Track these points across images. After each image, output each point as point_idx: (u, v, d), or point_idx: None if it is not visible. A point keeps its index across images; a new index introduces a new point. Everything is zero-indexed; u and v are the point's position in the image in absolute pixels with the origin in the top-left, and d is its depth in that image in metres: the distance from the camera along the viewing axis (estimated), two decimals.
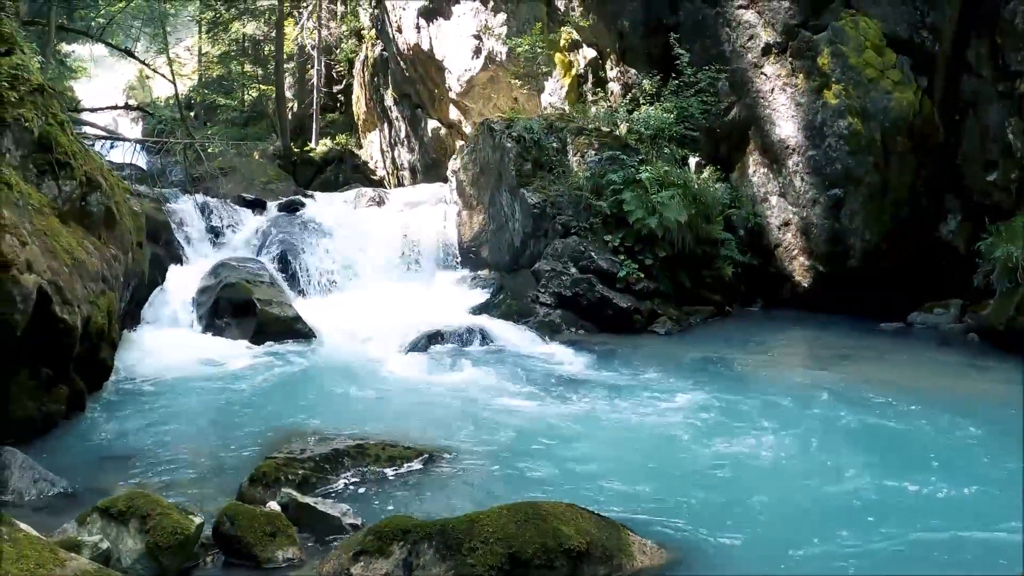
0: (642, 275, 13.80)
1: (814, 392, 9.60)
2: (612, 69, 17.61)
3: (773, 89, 14.79)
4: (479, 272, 15.81)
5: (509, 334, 12.60)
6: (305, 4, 32.80)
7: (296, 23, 32.78)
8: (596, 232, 14.30)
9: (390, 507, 6.18)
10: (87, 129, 19.91)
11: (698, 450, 7.66)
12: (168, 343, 11.84)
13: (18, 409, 7.50)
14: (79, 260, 8.50)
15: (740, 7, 15.17)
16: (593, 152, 15.44)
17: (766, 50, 14.89)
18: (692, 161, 15.23)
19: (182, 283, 13.64)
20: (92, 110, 23.17)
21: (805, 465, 7.28)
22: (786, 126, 14.59)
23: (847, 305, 14.07)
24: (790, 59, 14.61)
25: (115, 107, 26.07)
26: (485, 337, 12.31)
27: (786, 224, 14.76)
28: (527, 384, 10.05)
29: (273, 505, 5.71)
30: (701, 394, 9.48)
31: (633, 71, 16.98)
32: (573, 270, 13.76)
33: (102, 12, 32.35)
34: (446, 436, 7.89)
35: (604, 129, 15.90)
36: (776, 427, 8.28)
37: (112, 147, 21.98)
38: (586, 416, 8.71)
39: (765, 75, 14.90)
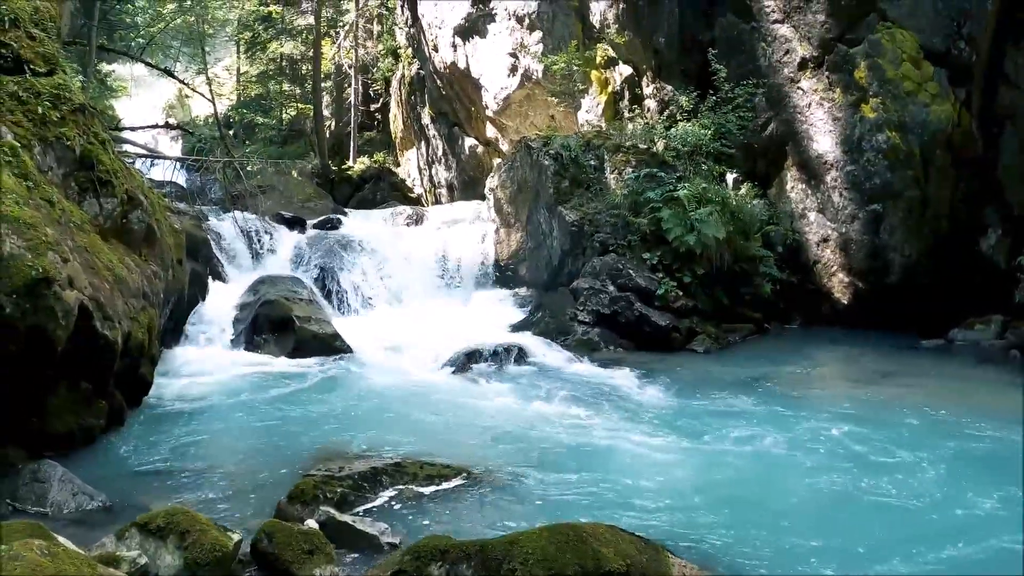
0: (680, 293, 13.73)
1: (860, 413, 9.39)
2: (648, 86, 17.58)
3: (810, 104, 14.68)
4: (517, 290, 15.82)
5: (547, 352, 12.56)
6: (342, 24, 33.07)
7: (333, 43, 33.01)
8: (634, 250, 14.26)
9: (428, 526, 6.14)
10: (127, 147, 20.12)
11: (743, 471, 7.56)
12: (207, 359, 11.93)
13: (58, 423, 7.57)
14: (120, 277, 8.57)
15: (775, 22, 15.08)
16: (631, 169, 15.41)
17: (802, 64, 14.79)
18: (730, 177, 15.13)
19: (221, 300, 13.74)
20: (132, 129, 23.46)
21: (858, 488, 7.10)
22: (824, 141, 14.48)
23: (887, 322, 13.89)
24: (827, 73, 14.50)
25: (155, 126, 26.37)
26: (523, 355, 12.26)
27: (825, 240, 14.62)
28: (566, 403, 9.95)
29: (311, 523, 5.70)
30: (743, 414, 9.39)
31: (669, 87, 16.94)
32: (611, 288, 13.71)
33: (142, 32, 32.81)
34: (485, 455, 7.84)
35: (641, 146, 15.88)
36: (826, 450, 8.11)
37: (152, 165, 22.18)
38: (626, 436, 8.60)
39: (802, 90, 14.80)
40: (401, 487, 6.79)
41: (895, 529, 6.27)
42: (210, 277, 14.42)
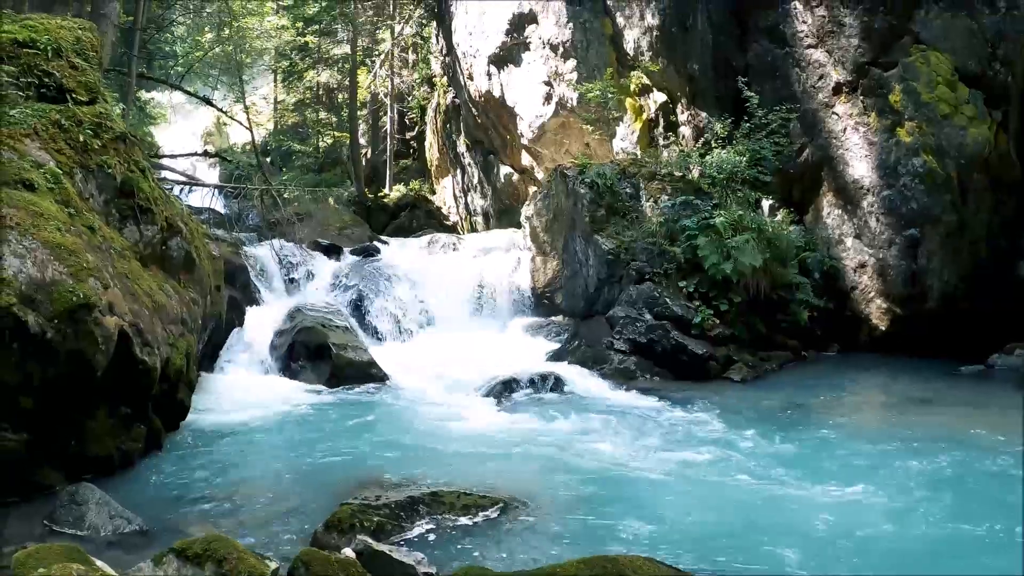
0: (717, 321, 13.62)
1: (902, 442, 9.26)
2: (683, 113, 17.56)
3: (845, 129, 14.60)
4: (553, 318, 15.78)
5: (583, 381, 12.50)
6: (378, 53, 33.33)
7: (369, 71, 33.28)
8: (670, 278, 14.18)
9: (465, 557, 6.11)
10: (166, 174, 20.37)
11: (781, 503, 7.45)
12: (244, 385, 11.98)
13: (97, 446, 7.64)
14: (159, 303, 8.65)
15: (809, 46, 15.03)
16: (666, 197, 15.37)
17: (837, 89, 14.72)
18: (765, 204, 15.03)
19: (259, 326, 13.80)
20: (172, 156, 23.71)
21: (907, 520, 7.00)
22: (859, 166, 14.38)
23: (925, 348, 13.67)
24: (861, 97, 14.42)
25: (194, 154, 26.66)
26: (559, 384, 12.20)
27: (862, 266, 14.50)
28: (602, 432, 9.89)
29: (348, 552, 5.68)
30: (783, 444, 9.29)
31: (704, 114, 16.91)
32: (648, 316, 13.64)
33: (181, 61, 33.25)
34: (521, 485, 7.79)
35: (676, 174, 15.84)
36: (871, 480, 7.94)
37: (191, 191, 22.43)
38: (663, 466, 8.53)
39: (837, 115, 14.73)
40: (438, 517, 6.77)
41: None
42: (247, 303, 14.51)
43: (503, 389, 11.91)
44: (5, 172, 7.59)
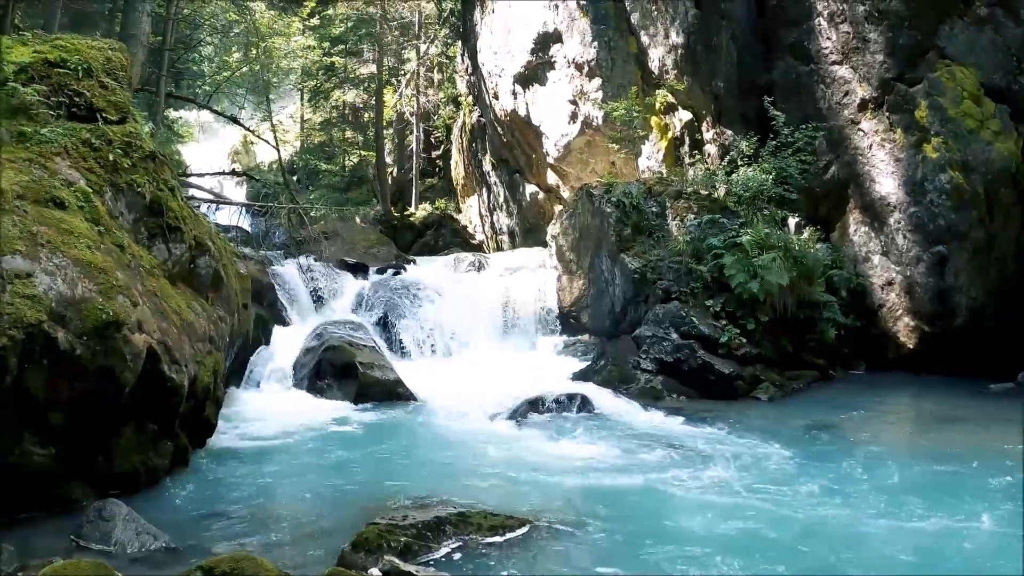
0: (744, 340, 13.55)
1: (948, 462, 9.18)
2: (708, 131, 17.54)
3: (871, 145, 14.55)
4: (579, 337, 15.76)
5: (610, 401, 12.41)
6: (403, 72, 33.49)
7: (395, 91, 33.44)
8: (697, 297, 14.13)
9: None
10: (194, 192, 20.48)
11: (811, 524, 7.37)
12: (270, 403, 12.01)
13: (124, 462, 7.68)
14: (187, 321, 8.69)
15: (834, 63, 15.01)
16: (692, 216, 15.32)
17: (862, 105, 14.68)
18: (791, 222, 14.96)
19: (285, 344, 13.83)
20: (200, 175, 23.85)
21: (930, 542, 6.92)
22: (886, 182, 14.31)
23: (954, 365, 13.59)
24: (887, 114, 14.37)
25: (222, 172, 26.78)
26: (586, 404, 12.12)
27: (889, 283, 14.41)
28: (629, 453, 9.80)
29: (375, 572, 5.67)
30: (813, 464, 9.21)
31: (729, 132, 16.88)
32: (674, 336, 13.58)
33: (208, 81, 33.55)
34: (548, 505, 7.75)
35: (703, 192, 15.81)
36: (896, 502, 7.88)
37: (218, 209, 22.57)
38: (691, 487, 8.46)
39: (862, 131, 14.68)
40: (465, 537, 6.73)
41: None
42: (274, 321, 14.55)
43: (529, 409, 11.83)
44: (36, 190, 7.65)
